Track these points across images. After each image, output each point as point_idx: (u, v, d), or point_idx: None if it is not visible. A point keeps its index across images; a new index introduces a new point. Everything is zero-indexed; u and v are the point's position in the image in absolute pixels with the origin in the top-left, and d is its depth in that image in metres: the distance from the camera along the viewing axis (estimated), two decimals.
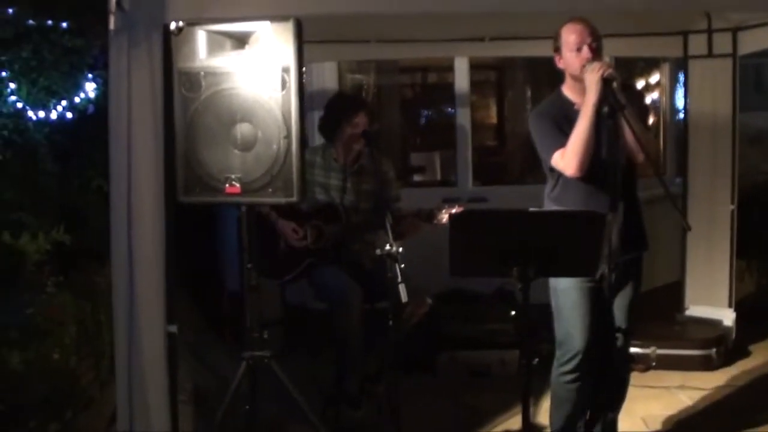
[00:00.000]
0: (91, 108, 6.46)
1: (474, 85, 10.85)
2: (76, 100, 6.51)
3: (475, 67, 10.28)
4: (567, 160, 4.47)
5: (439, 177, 9.49)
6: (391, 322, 4.83)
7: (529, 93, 10.38)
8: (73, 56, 6.46)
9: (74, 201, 6.47)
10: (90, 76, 6.53)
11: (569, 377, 4.76)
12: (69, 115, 6.45)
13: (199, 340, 7.14)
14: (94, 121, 5.35)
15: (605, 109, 4.27)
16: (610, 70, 4.30)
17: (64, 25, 6.32)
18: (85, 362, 5.87)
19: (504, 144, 10.27)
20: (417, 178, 9.72)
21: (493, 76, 11.01)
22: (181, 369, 6.24)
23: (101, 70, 5.92)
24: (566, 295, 4.71)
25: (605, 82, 4.27)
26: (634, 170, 4.64)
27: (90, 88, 6.49)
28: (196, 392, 6.08)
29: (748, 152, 10.95)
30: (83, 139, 6.36)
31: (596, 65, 4.36)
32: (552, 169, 4.66)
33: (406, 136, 10.70)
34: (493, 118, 10.96)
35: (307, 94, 7.97)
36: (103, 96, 5.77)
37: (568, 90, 4.71)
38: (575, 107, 4.55)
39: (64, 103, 6.39)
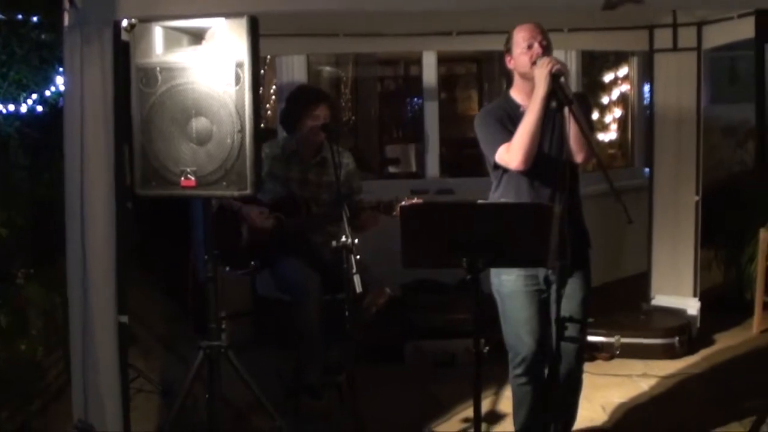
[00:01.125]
0: (62, 101, 6.51)
1: (456, 77, 10.97)
2: (47, 93, 6.57)
3: (455, 59, 10.40)
4: (512, 153, 4.52)
5: (414, 169, 9.58)
6: (347, 313, 4.93)
7: (505, 85, 10.44)
8: (44, 50, 6.52)
9: (45, 194, 6.55)
10: (60, 69, 6.58)
11: (522, 380, 4.83)
12: (39, 108, 6.52)
13: (170, 331, 7.23)
14: None
15: (553, 103, 4.33)
16: (558, 66, 4.37)
17: (35, 19, 6.38)
18: (54, 354, 5.96)
19: None
20: (392, 169, 9.82)
21: (474, 68, 11.11)
22: (150, 360, 6.36)
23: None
24: (510, 299, 4.77)
25: (553, 77, 4.34)
26: (576, 170, 4.66)
27: (60, 82, 6.54)
28: (164, 383, 6.17)
29: (721, 144, 11.06)
30: (54, 132, 6.42)
31: (545, 60, 4.43)
32: (496, 167, 4.72)
33: (384, 129, 10.79)
34: (475, 109, 11.05)
35: (276, 87, 8.10)
36: None
37: (515, 92, 4.79)
38: (521, 109, 4.63)
39: (34, 96, 6.46)
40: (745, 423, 5.48)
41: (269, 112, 9.00)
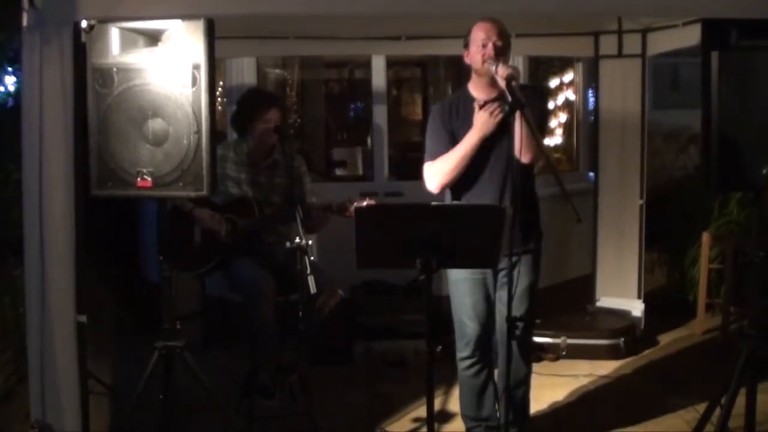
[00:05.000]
0: (10, 101, 6.48)
1: (401, 81, 11.01)
2: None
3: (401, 63, 10.44)
4: (432, 175, 4.82)
5: (361, 172, 9.59)
6: (301, 314, 4.97)
7: (450, 90, 10.52)
8: None
9: None
10: (10, 69, 6.55)
11: (466, 363, 5.04)
12: None
13: (119, 332, 7.21)
14: (14, 115, 5.43)
15: (506, 107, 4.43)
16: (510, 70, 4.44)
17: None
18: (3, 356, 5.92)
19: None
20: (339, 172, 9.84)
21: (419, 73, 11.17)
22: (100, 361, 6.34)
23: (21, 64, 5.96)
24: (457, 285, 4.98)
25: (506, 80, 4.42)
26: (531, 167, 4.82)
27: (10, 82, 6.51)
28: (115, 384, 6.16)
29: (663, 149, 11.24)
30: (3, 132, 6.37)
31: (494, 107, 4.55)
32: None
33: (330, 131, 10.81)
34: (419, 113, 11.11)
35: (225, 90, 8.10)
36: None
37: (471, 86, 4.91)
38: (474, 103, 4.76)
39: None
40: (681, 414, 5.73)
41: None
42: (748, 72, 4.33)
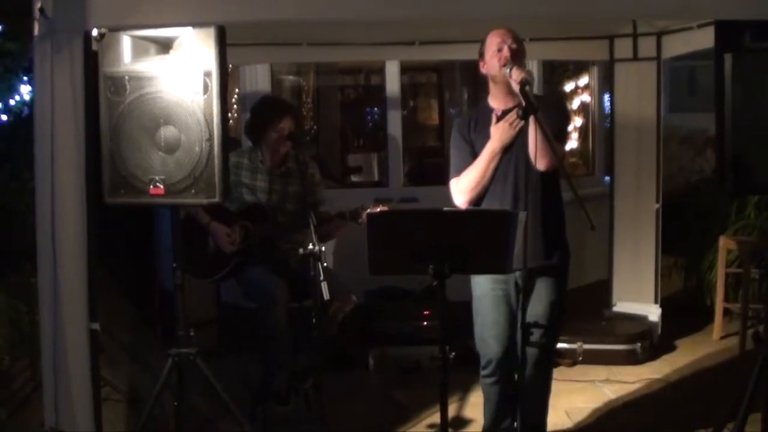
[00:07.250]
0: (26, 110, 6.50)
1: (417, 86, 11.01)
2: (11, 102, 6.56)
3: (416, 69, 10.44)
4: (458, 192, 4.78)
5: (376, 178, 9.61)
6: (314, 320, 4.97)
7: (466, 95, 10.52)
8: (8, 59, 6.50)
9: (10, 203, 6.52)
10: (25, 78, 6.56)
11: (489, 380, 4.98)
12: (4, 117, 6.50)
13: (135, 339, 7.21)
14: (29, 124, 5.46)
15: (520, 111, 4.40)
16: (524, 74, 4.42)
17: None
18: (19, 363, 5.94)
19: (444, 144, 10.37)
20: (355, 178, 9.85)
21: (434, 78, 11.16)
22: (115, 368, 6.35)
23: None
24: (479, 302, 4.92)
25: (520, 85, 4.39)
26: (554, 176, 4.76)
27: (25, 91, 6.53)
28: (131, 391, 6.17)
29: (679, 152, 11.19)
30: (19, 141, 6.39)
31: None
32: None
33: (346, 137, 10.81)
34: (435, 119, 11.11)
35: (240, 97, 8.11)
36: None
37: (491, 98, 4.88)
38: (494, 113, 4.75)
39: None
40: (699, 420, 5.57)
41: (231, 121, 9.02)
42: (763, 74, 4.28)
